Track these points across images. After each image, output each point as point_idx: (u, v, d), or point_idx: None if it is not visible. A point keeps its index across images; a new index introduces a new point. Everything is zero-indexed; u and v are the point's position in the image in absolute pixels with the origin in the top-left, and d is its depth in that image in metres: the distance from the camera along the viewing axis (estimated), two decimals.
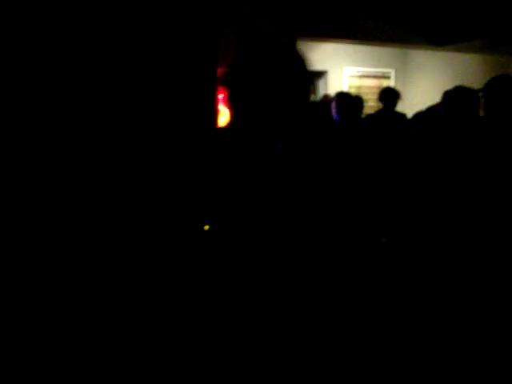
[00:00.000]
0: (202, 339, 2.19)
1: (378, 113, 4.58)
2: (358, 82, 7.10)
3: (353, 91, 6.95)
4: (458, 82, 3.82)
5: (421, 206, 3.61)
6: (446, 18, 5.66)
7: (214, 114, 4.65)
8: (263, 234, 1.32)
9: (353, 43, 6.41)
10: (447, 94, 4.21)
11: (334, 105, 3.96)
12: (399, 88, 6.95)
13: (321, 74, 7.01)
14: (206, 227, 3.36)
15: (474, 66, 6.85)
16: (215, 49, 4.39)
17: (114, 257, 2.44)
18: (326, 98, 6.05)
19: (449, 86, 4.39)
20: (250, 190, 1.26)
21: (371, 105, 6.37)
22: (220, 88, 4.66)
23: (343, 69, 6.99)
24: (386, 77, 7.24)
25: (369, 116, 4.66)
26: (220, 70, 4.18)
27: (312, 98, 6.31)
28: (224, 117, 5.30)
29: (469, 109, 3.82)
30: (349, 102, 3.96)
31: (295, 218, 1.28)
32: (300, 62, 1.30)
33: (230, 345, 1.53)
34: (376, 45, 6.59)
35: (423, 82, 6.99)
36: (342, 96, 4.00)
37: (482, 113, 2.73)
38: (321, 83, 7.06)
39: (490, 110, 2.12)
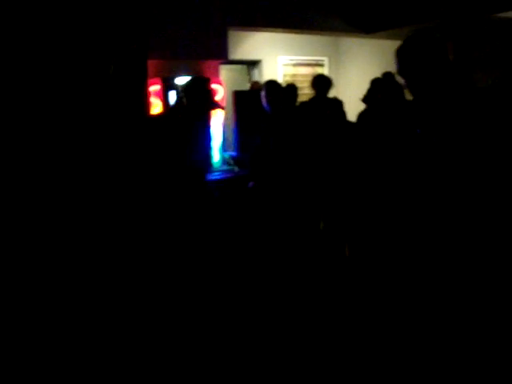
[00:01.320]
0: (201, 338, 2.13)
1: (311, 100, 4.57)
2: (292, 71, 7.11)
3: (287, 80, 6.96)
4: (389, 69, 3.87)
5: (357, 191, 3.65)
6: (375, 6, 5.74)
7: (146, 105, 4.45)
8: None
9: (286, 32, 6.38)
10: (374, 82, 4.29)
11: (263, 94, 3.90)
12: (333, 75, 7.03)
13: (255, 64, 6.96)
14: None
15: None
16: (145, 44, 4.22)
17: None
18: (255, 85, 6.01)
19: (380, 72, 4.48)
20: None
21: (306, 92, 6.40)
22: (152, 81, 4.42)
23: (277, 58, 6.97)
24: (319, 64, 7.29)
25: (302, 103, 4.66)
26: (150, 62, 3.99)
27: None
28: (157, 108, 5.10)
29: (395, 94, 3.90)
30: (278, 90, 3.91)
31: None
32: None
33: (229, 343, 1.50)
34: (309, 33, 6.59)
35: (356, 68, 7.10)
36: (271, 85, 3.94)
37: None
38: (255, 72, 7.01)
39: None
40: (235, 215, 4.10)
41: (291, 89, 4.35)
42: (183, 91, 3.28)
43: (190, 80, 3.41)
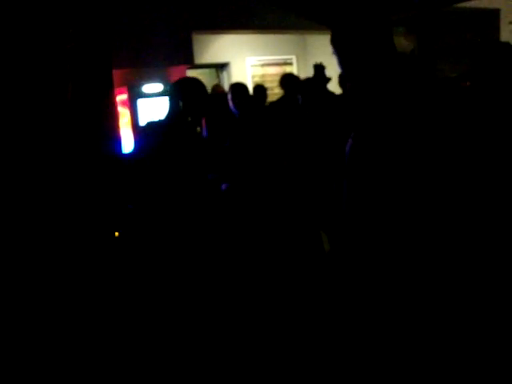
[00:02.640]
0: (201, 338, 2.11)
1: (280, 100, 4.56)
2: (260, 71, 7.10)
3: (256, 80, 6.95)
4: None
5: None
6: (338, 2, 5.76)
7: (114, 115, 4.38)
8: None
9: (252, 33, 6.38)
10: (342, 77, 4.30)
11: (229, 97, 3.89)
12: (302, 73, 7.04)
13: (223, 66, 6.94)
14: (117, 234, 3.20)
15: None
16: (108, 50, 4.15)
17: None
18: (217, 88, 5.96)
19: None
20: None
21: (276, 92, 6.39)
22: (118, 90, 4.34)
23: (245, 59, 6.95)
24: (288, 63, 7.30)
25: (271, 104, 4.64)
26: (115, 72, 3.92)
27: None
28: (125, 118, 5.03)
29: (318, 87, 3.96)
30: (244, 92, 3.90)
31: None
32: None
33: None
34: (275, 33, 6.61)
35: (324, 65, 7.12)
36: (237, 87, 3.92)
37: None
38: (224, 75, 6.99)
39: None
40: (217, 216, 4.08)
41: (259, 90, 4.33)
42: (183, 97, 3.17)
43: (187, 85, 3.31)
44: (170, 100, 3.03)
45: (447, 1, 5.06)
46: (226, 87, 5.58)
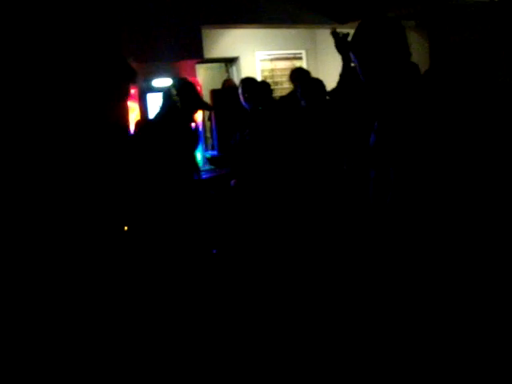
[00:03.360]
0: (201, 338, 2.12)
1: (290, 94, 4.55)
2: (270, 66, 7.08)
3: (266, 75, 6.94)
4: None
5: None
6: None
7: (125, 109, 4.41)
8: None
9: (261, 27, 6.36)
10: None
11: (240, 91, 3.91)
12: (311, 68, 7.01)
13: (232, 61, 6.93)
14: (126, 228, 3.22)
15: None
16: (119, 46, 4.16)
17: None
18: (228, 83, 5.97)
19: None
20: None
21: (286, 86, 6.38)
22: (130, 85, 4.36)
23: (255, 53, 6.94)
24: (297, 58, 7.27)
25: (281, 98, 4.64)
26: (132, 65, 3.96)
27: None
28: (135, 112, 5.06)
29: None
30: (255, 86, 3.91)
31: None
32: None
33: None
34: (284, 27, 6.58)
35: (333, 60, 7.06)
36: (247, 82, 3.94)
37: None
38: (233, 70, 6.98)
39: None
40: (221, 214, 4.11)
41: (264, 86, 4.35)
42: (177, 94, 3.25)
43: (180, 83, 3.40)
44: (165, 99, 3.16)
45: None
46: (237, 82, 5.58)
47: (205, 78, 7.02)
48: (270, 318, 2.99)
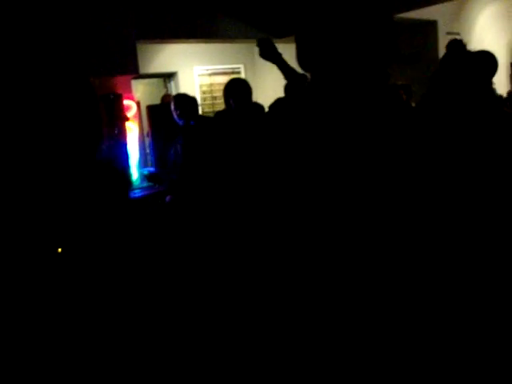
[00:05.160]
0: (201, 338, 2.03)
1: (226, 109, 4.55)
2: (208, 80, 7.08)
3: (205, 89, 6.93)
4: (301, 71, 3.93)
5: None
6: (283, 11, 5.84)
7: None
8: None
9: (198, 42, 6.36)
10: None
11: (172, 108, 3.89)
12: (250, 82, 7.06)
13: (171, 75, 6.87)
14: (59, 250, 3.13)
15: None
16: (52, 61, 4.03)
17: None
18: (167, 98, 5.92)
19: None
20: None
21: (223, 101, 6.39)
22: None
23: (193, 68, 6.92)
24: (235, 72, 7.31)
25: (217, 113, 4.63)
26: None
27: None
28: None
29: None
30: (188, 103, 3.93)
31: None
32: None
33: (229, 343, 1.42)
34: (220, 42, 6.61)
35: (271, 73, 7.16)
36: (179, 98, 3.96)
37: None
38: (172, 84, 6.93)
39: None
40: (155, 230, 4.03)
41: (195, 101, 4.37)
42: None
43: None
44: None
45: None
46: None
47: (143, 94, 6.91)
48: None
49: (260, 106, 4.30)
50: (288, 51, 7.46)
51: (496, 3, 5.85)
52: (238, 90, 3.90)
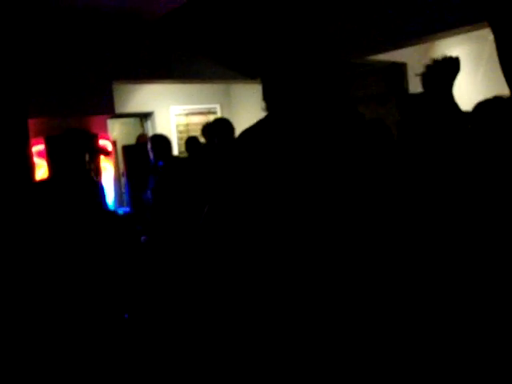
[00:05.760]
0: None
1: (203, 147, 4.59)
2: (185, 120, 7.14)
3: (181, 129, 6.97)
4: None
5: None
6: (255, 53, 5.98)
7: (30, 167, 4.23)
8: None
9: (176, 83, 6.43)
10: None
11: (149, 148, 3.93)
12: None
13: (147, 115, 6.91)
14: None
15: None
16: (24, 101, 4.04)
17: None
18: (142, 138, 5.96)
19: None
20: None
21: (201, 141, 6.42)
22: (35, 141, 4.27)
23: (169, 108, 6.97)
24: (212, 112, 7.39)
25: (202, 147, 4.66)
26: (31, 121, 3.88)
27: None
28: (42, 170, 4.87)
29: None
30: (164, 143, 3.98)
31: None
32: None
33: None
34: (199, 83, 6.70)
35: (247, 113, 7.29)
36: (156, 139, 4.02)
37: None
38: (148, 124, 6.95)
39: None
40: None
41: (193, 141, 4.40)
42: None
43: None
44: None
45: (358, 53, 5.39)
46: None
47: (119, 134, 6.92)
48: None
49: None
50: (261, 91, 7.58)
51: (465, 45, 6.11)
52: (222, 128, 3.98)
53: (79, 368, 2.72)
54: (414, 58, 5.90)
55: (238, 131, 7.30)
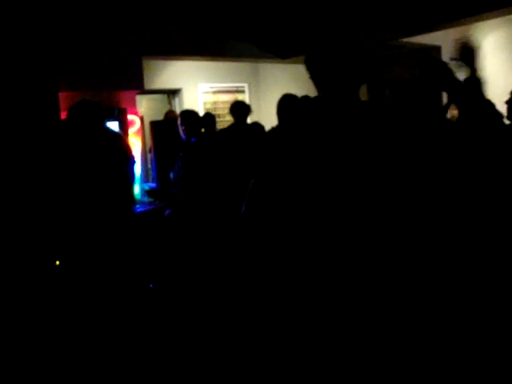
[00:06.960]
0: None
1: (230, 127, 4.57)
2: (212, 98, 7.12)
3: (208, 107, 6.96)
4: (305, 92, 3.96)
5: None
6: (289, 32, 5.90)
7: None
8: None
9: (203, 60, 6.41)
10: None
11: (179, 123, 3.91)
12: (253, 101, 7.11)
13: (175, 92, 6.92)
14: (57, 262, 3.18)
15: None
16: (55, 75, 4.08)
17: None
18: (170, 114, 5.96)
19: (299, 95, 4.55)
20: None
21: (228, 119, 6.41)
22: (64, 114, 4.28)
23: (197, 85, 6.96)
24: (239, 91, 7.36)
25: (221, 131, 4.65)
26: (62, 94, 3.96)
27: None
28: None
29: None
30: (193, 119, 3.92)
31: None
32: None
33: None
34: (226, 60, 6.67)
35: (275, 93, 7.19)
36: (186, 114, 3.96)
37: None
38: (176, 101, 6.96)
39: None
40: (157, 247, 4.05)
41: (209, 117, 4.35)
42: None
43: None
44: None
45: (391, 35, 5.27)
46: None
47: (147, 109, 6.95)
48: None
49: (260, 126, 4.34)
50: (289, 71, 7.51)
51: (501, 30, 5.91)
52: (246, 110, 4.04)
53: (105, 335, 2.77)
54: (448, 42, 5.73)
55: (266, 111, 7.27)
